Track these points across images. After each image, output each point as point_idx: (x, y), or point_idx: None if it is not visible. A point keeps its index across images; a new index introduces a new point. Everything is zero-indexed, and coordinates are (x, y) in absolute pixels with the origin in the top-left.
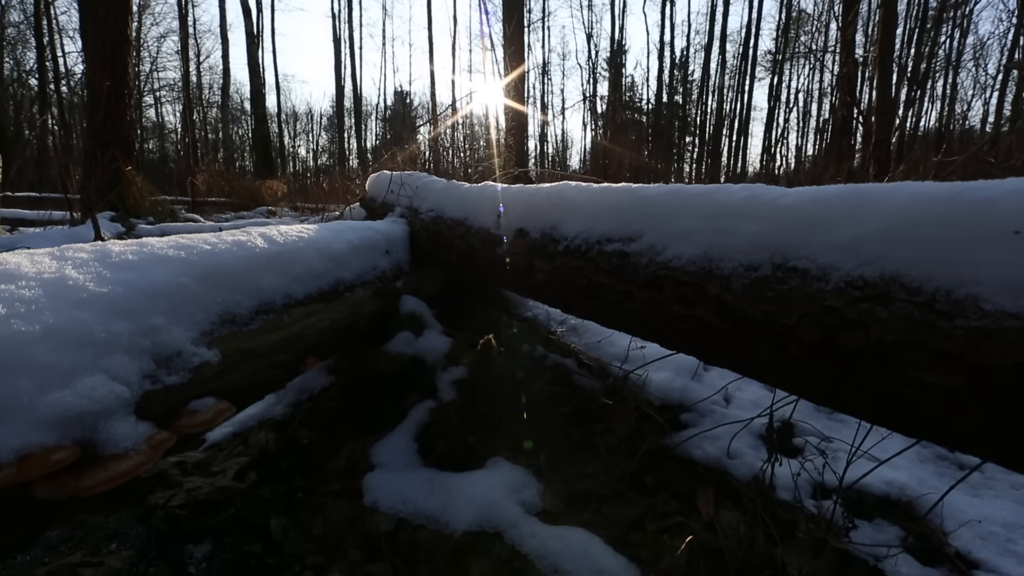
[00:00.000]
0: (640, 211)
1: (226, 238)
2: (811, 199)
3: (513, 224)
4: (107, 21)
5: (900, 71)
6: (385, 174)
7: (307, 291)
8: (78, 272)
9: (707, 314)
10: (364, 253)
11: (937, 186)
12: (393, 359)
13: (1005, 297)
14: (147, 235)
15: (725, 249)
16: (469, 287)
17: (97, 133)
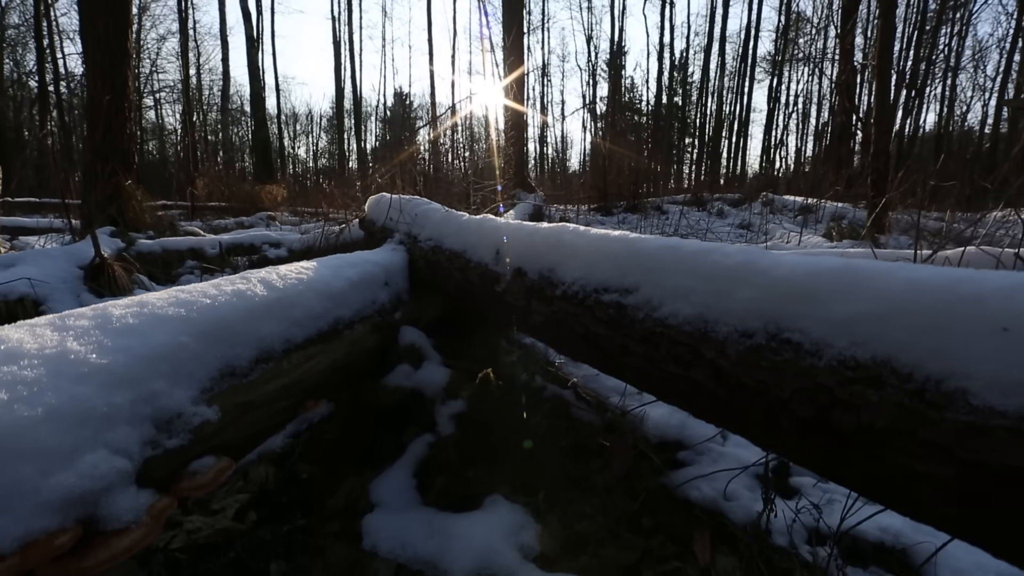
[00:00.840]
0: (637, 263)
1: (225, 288)
2: (805, 272)
3: (511, 262)
4: (107, 35)
5: (899, 76)
6: (385, 197)
7: (306, 334)
8: (79, 344)
9: (702, 377)
10: (363, 288)
11: (931, 273)
12: (392, 392)
13: (993, 394)
14: (147, 250)
15: (720, 312)
16: (468, 313)
17: (97, 147)
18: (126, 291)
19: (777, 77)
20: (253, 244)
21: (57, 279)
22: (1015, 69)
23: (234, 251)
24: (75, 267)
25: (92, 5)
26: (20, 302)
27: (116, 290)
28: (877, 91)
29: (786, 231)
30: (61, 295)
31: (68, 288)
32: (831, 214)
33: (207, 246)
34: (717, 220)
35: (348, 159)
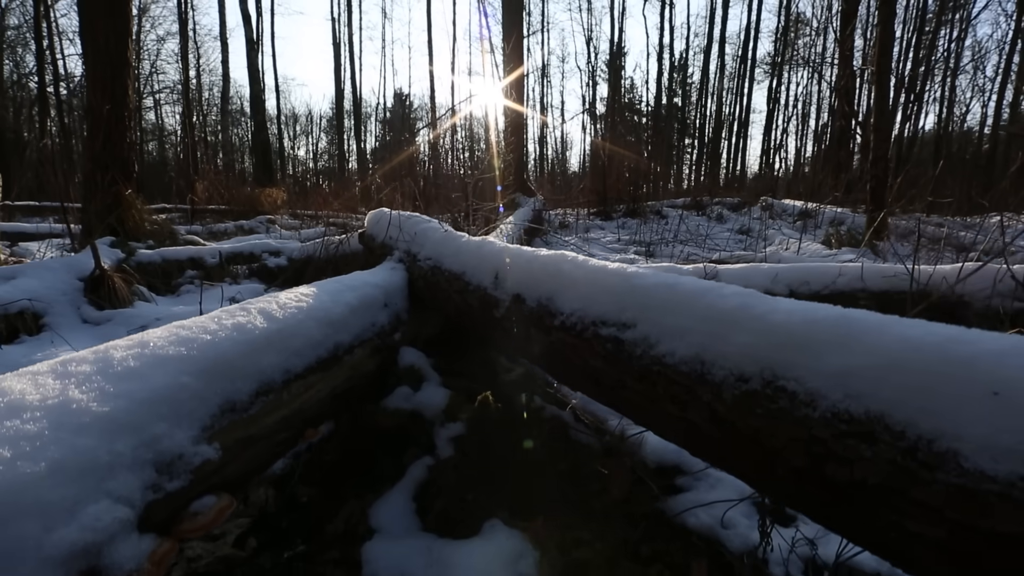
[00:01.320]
0: (634, 299)
1: (226, 322)
2: (802, 320)
3: (510, 288)
4: (107, 45)
5: (898, 81)
6: (384, 213)
7: (306, 363)
8: (81, 392)
9: (698, 418)
10: (362, 312)
11: (924, 331)
12: (392, 415)
13: (984, 458)
14: (147, 260)
15: (717, 355)
16: (467, 331)
17: (97, 156)
18: (126, 303)
19: (777, 78)
20: (253, 253)
21: (57, 291)
22: (1014, 70)
23: (234, 260)
24: (75, 279)
25: (92, 15)
26: (20, 315)
27: (116, 302)
28: (876, 98)
29: (785, 237)
30: (61, 307)
31: (68, 300)
32: (830, 219)
33: (207, 255)
34: (716, 225)
35: (348, 160)
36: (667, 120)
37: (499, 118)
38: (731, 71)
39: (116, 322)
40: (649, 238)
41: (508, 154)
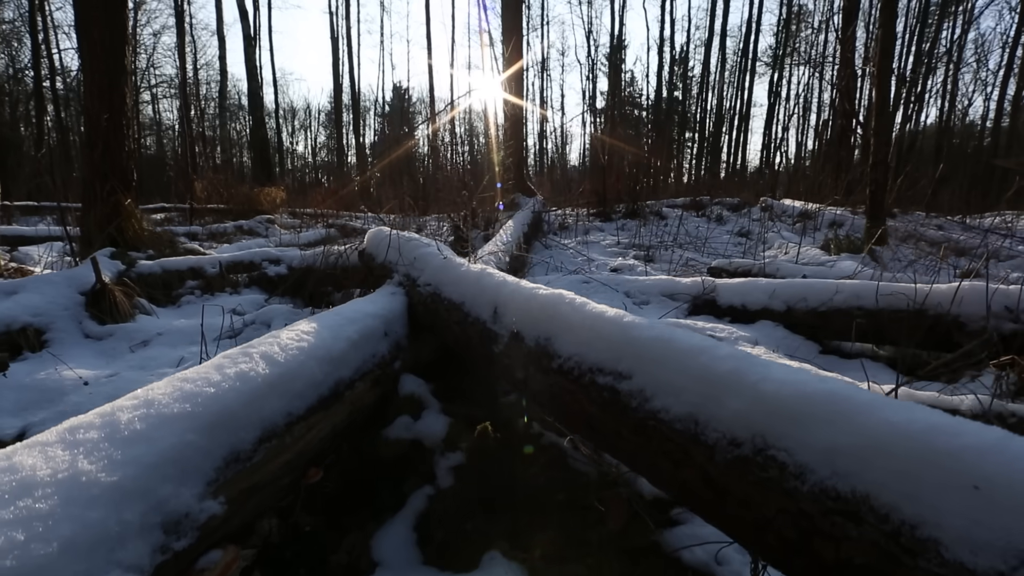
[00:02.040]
0: (630, 350)
1: (228, 371)
2: (792, 392)
3: (509, 324)
4: (104, 54)
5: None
6: (383, 233)
7: (308, 404)
8: (90, 462)
9: (691, 478)
10: (363, 345)
11: (908, 416)
12: (393, 445)
13: (963, 550)
14: (147, 271)
15: (710, 417)
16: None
17: (96, 165)
18: (127, 317)
19: (778, 71)
20: (253, 262)
21: (59, 306)
22: (1017, 64)
23: (234, 269)
24: (76, 293)
25: (88, 24)
26: (23, 332)
27: (118, 316)
28: (877, 101)
29: (785, 241)
30: (63, 323)
31: (70, 315)
32: (830, 221)
33: (207, 265)
34: (715, 227)
35: (347, 154)
36: (667, 114)
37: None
38: (732, 65)
39: (118, 337)
40: (648, 241)
41: (508, 157)
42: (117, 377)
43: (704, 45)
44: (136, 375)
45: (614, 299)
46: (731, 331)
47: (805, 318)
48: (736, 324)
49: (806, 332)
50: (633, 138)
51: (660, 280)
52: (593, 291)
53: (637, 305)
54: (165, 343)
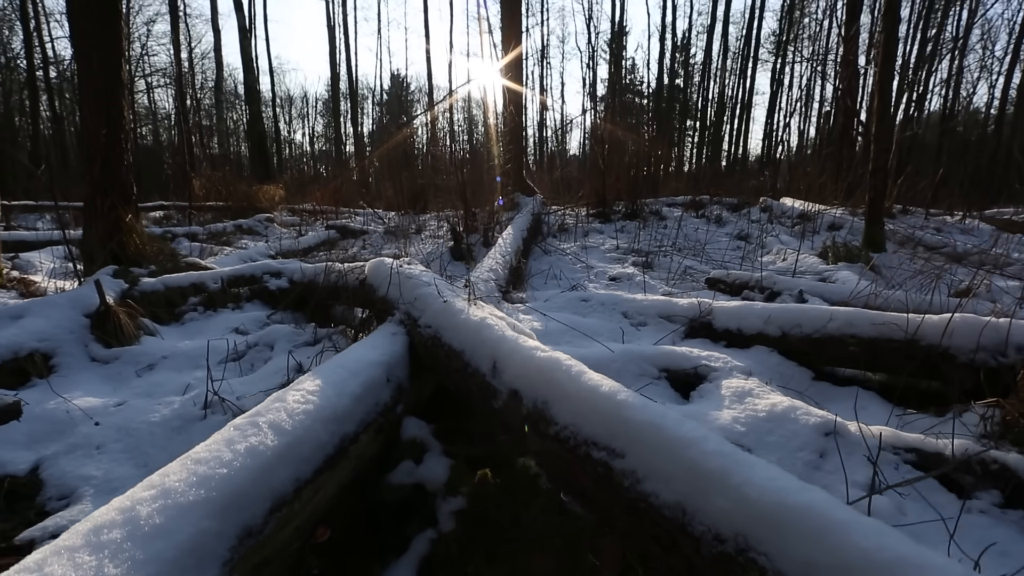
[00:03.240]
0: (623, 430)
1: (239, 446)
2: (773, 501)
3: (508, 381)
4: (101, 69)
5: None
6: (384, 265)
7: (315, 467)
8: (115, 565)
9: (679, 566)
10: (366, 396)
11: (879, 542)
12: (396, 490)
13: None
14: (150, 289)
15: (697, 510)
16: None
17: (96, 181)
18: (132, 339)
19: (781, 58)
20: (254, 275)
21: (64, 330)
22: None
23: (235, 283)
24: (81, 315)
25: (83, 37)
26: (31, 358)
27: (122, 338)
28: (878, 109)
29: (783, 246)
30: (70, 347)
31: (76, 339)
32: (829, 223)
33: (209, 280)
34: (715, 228)
35: (345, 143)
36: (669, 102)
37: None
38: (734, 52)
39: (124, 360)
40: (647, 246)
41: (507, 163)
42: (125, 407)
43: (706, 31)
44: (143, 403)
45: (612, 318)
46: (726, 360)
47: (799, 344)
48: (731, 349)
49: (800, 358)
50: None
51: (657, 301)
52: (592, 310)
53: (635, 326)
54: (171, 367)
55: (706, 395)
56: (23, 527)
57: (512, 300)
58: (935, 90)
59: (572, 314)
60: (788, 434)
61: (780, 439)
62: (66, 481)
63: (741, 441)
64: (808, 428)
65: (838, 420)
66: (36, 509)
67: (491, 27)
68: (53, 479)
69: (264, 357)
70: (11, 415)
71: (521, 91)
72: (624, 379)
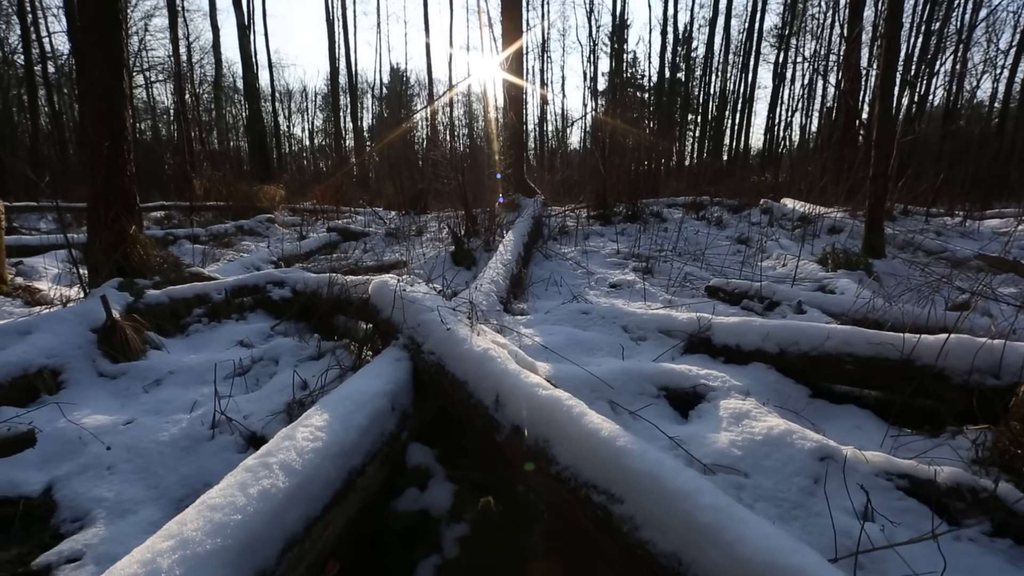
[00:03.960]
0: (622, 476)
1: (251, 490)
2: (765, 561)
3: (510, 416)
4: (103, 81)
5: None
6: (387, 287)
7: (324, 503)
8: None
9: None
10: (372, 428)
11: None
12: (401, 517)
13: None
14: (155, 301)
15: (691, 562)
16: None
17: (99, 193)
18: (138, 354)
19: (784, 53)
20: (257, 285)
21: (72, 345)
22: None
23: (239, 293)
24: (88, 330)
25: (85, 48)
26: (40, 375)
27: (129, 353)
28: (879, 111)
29: (783, 251)
30: (77, 362)
31: (83, 354)
32: (830, 226)
33: (213, 291)
34: (716, 231)
35: (344, 138)
36: (670, 96)
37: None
38: (737, 45)
39: (131, 376)
40: (648, 251)
41: (508, 167)
42: (134, 425)
43: (708, 24)
44: (152, 421)
45: (612, 332)
46: (724, 379)
47: (797, 362)
48: (730, 365)
49: (797, 375)
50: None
51: (657, 315)
52: (592, 323)
53: (635, 341)
54: (177, 383)
55: (704, 415)
56: (39, 551)
57: (513, 311)
58: (938, 88)
59: (573, 327)
60: (784, 458)
61: (776, 463)
62: (79, 503)
63: (738, 465)
64: (804, 453)
65: (833, 444)
66: (51, 531)
67: (491, 21)
68: (66, 501)
69: (269, 372)
70: (26, 443)
71: (521, 93)
72: (625, 398)
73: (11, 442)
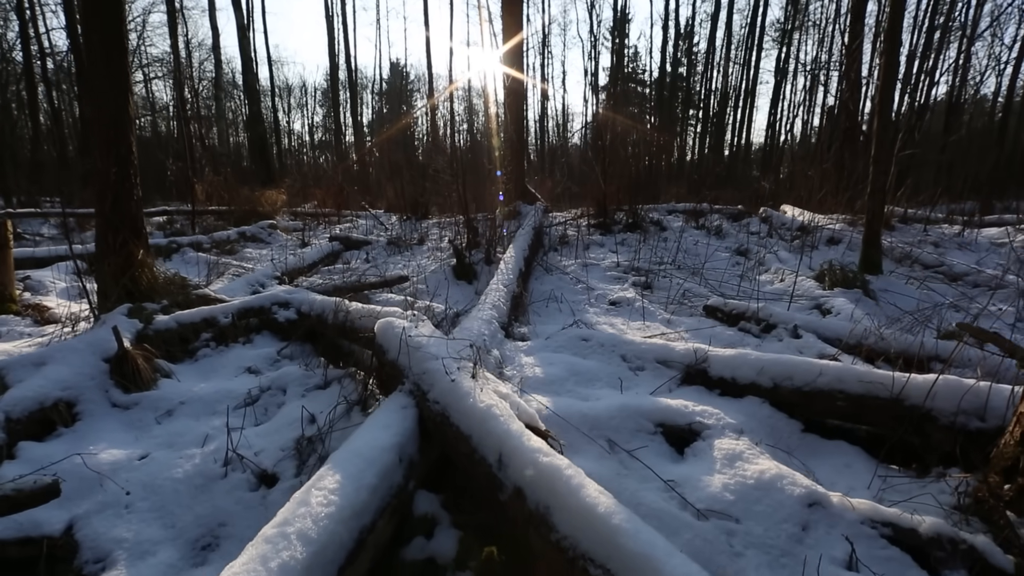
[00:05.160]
0: (618, 555)
1: (272, 564)
2: None
3: (512, 477)
4: (109, 109)
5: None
6: (393, 328)
7: (339, 565)
8: None
9: None
10: (382, 485)
11: None
12: (408, 567)
13: None
14: (164, 327)
15: None
16: None
17: (107, 217)
18: (150, 384)
19: (786, 47)
20: (263, 307)
21: (85, 376)
22: None
23: (245, 315)
24: (100, 360)
25: (92, 81)
26: (55, 407)
27: (140, 383)
28: (878, 127)
29: (781, 266)
30: (91, 393)
31: (96, 385)
32: (828, 237)
33: (219, 315)
34: (715, 242)
35: (344, 133)
36: (671, 90)
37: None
38: (739, 40)
39: (143, 406)
40: (647, 264)
41: (508, 180)
42: (149, 461)
43: (711, 18)
44: (166, 456)
45: (611, 361)
46: (719, 416)
47: (790, 396)
48: (725, 398)
49: (790, 409)
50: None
51: (655, 345)
52: (592, 351)
53: (633, 371)
54: (189, 414)
55: (699, 454)
56: None
57: (515, 336)
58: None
59: (573, 355)
60: (774, 504)
61: (767, 508)
62: (100, 544)
63: (730, 510)
64: (793, 499)
65: (821, 491)
66: (74, 573)
67: (491, 16)
68: (88, 541)
69: (277, 402)
70: (51, 495)
71: (522, 99)
72: (623, 435)
73: (38, 494)
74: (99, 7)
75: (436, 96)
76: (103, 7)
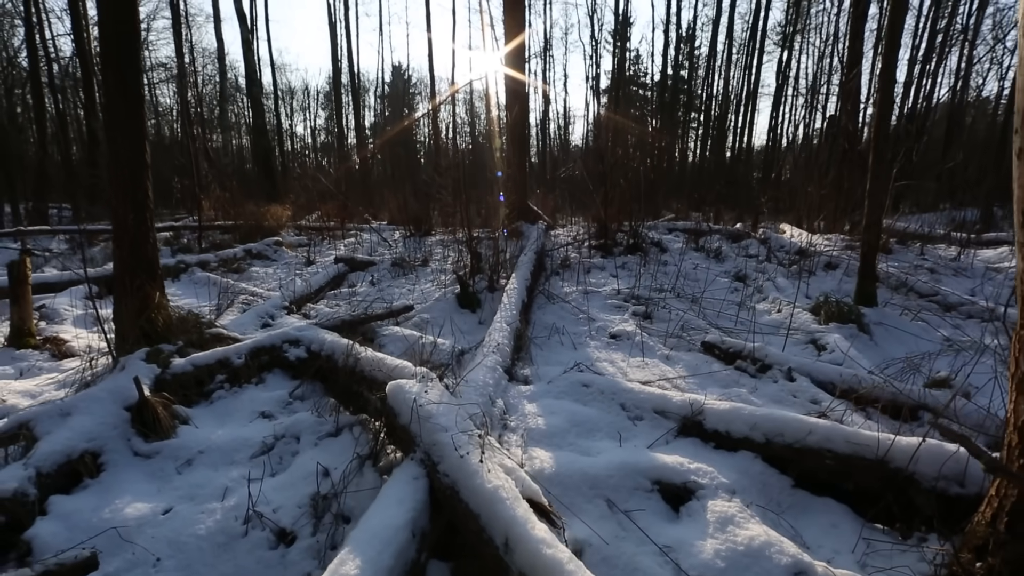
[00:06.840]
0: None
1: None
2: None
3: (518, 563)
4: (126, 156)
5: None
6: (405, 394)
7: None
8: None
9: None
10: (397, 565)
11: None
12: None
13: None
14: (180, 371)
15: None
16: None
17: (125, 261)
18: (169, 431)
19: (788, 51)
20: (274, 345)
21: (108, 426)
22: None
23: (257, 354)
24: (122, 409)
25: (110, 130)
26: (82, 459)
27: (160, 431)
28: (872, 165)
29: (779, 296)
30: (114, 443)
31: (119, 434)
32: (826, 262)
33: (233, 356)
34: (714, 265)
35: (347, 136)
36: (673, 94)
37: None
38: (740, 43)
39: (164, 455)
40: (648, 291)
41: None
42: (172, 516)
43: (712, 22)
44: (188, 511)
45: (611, 409)
46: (713, 475)
47: (782, 452)
48: (720, 452)
49: (782, 464)
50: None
51: (653, 395)
52: (592, 398)
53: (632, 421)
54: (207, 463)
55: (694, 515)
56: None
57: (517, 379)
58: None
59: (574, 402)
60: (763, 573)
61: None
62: None
63: None
64: (780, 569)
65: (807, 559)
66: None
67: (492, 20)
68: None
69: (292, 451)
70: (90, 568)
71: (525, 103)
72: (621, 493)
73: (79, 568)
74: (116, 58)
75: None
76: (121, 59)
